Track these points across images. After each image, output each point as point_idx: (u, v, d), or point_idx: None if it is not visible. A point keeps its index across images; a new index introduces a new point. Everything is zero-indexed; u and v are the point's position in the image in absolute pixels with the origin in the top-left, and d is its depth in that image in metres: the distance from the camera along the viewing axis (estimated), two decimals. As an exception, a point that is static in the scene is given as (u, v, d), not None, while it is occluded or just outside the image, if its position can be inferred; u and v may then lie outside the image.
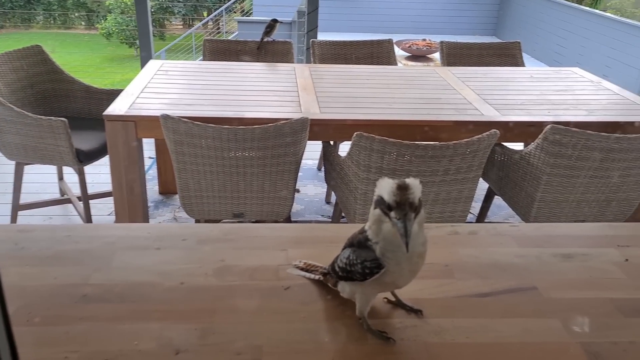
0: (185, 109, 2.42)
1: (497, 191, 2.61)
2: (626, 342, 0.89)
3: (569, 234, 1.23)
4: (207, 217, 2.35)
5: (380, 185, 0.82)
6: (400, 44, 7.60)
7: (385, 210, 0.81)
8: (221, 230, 1.17)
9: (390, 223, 0.80)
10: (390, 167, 2.07)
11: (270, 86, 2.85)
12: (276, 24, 3.40)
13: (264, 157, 2.16)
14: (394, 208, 0.79)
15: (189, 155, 2.14)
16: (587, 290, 1.02)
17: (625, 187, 2.28)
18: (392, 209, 0.79)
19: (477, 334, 0.91)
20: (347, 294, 0.93)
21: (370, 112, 2.52)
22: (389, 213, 0.80)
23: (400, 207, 0.78)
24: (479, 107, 2.59)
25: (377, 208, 0.82)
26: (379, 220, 0.83)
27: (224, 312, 0.92)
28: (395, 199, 0.78)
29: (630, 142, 2.11)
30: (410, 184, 0.80)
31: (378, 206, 0.82)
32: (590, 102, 2.72)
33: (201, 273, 1.03)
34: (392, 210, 0.79)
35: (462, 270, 1.08)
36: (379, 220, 0.83)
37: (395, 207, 0.79)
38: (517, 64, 3.56)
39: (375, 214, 0.83)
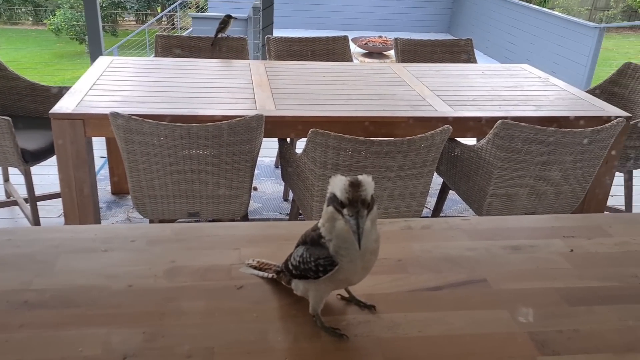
0: (137, 107, 2.36)
1: (452, 186, 2.65)
2: (571, 330, 0.92)
3: (517, 226, 1.26)
4: (162, 217, 2.30)
5: (332, 182, 0.82)
6: (357, 40, 7.65)
7: (337, 207, 0.80)
8: (172, 230, 1.14)
9: (343, 220, 0.80)
10: (346, 163, 2.08)
11: (224, 83, 2.81)
12: (230, 20, 3.35)
13: (218, 155, 2.13)
14: (346, 205, 0.79)
15: (140, 154, 2.09)
16: (534, 280, 1.04)
17: (572, 180, 2.36)
18: (345, 206, 0.79)
19: (429, 327, 0.92)
20: (301, 292, 0.93)
21: (326, 109, 2.52)
22: (342, 210, 0.80)
23: (353, 205, 0.78)
24: (433, 103, 2.63)
25: (330, 205, 0.82)
26: (332, 217, 0.82)
27: (174, 314, 0.90)
28: (348, 196, 0.78)
29: (576, 136, 2.18)
30: (363, 181, 0.79)
31: (331, 204, 0.82)
32: (538, 97, 2.80)
33: (150, 275, 1.00)
34: (344, 207, 0.79)
35: (415, 265, 1.09)
36: (332, 217, 0.82)
37: (348, 205, 0.78)
38: (469, 60, 3.63)
39: (328, 211, 0.83)
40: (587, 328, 0.93)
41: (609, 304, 0.98)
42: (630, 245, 1.16)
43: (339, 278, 0.86)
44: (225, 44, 3.47)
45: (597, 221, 1.28)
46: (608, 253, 1.14)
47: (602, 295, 1.01)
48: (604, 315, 0.95)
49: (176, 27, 11.76)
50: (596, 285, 1.03)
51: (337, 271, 0.84)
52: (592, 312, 0.96)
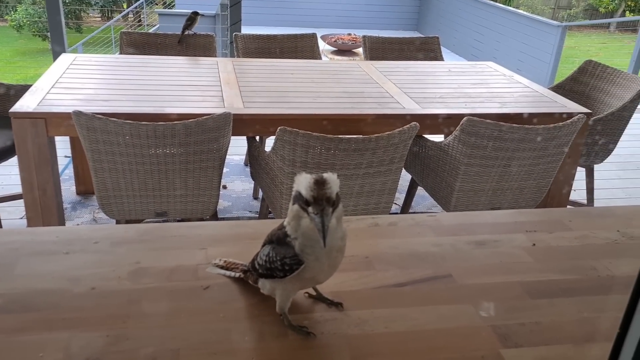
0: (101, 105, 2.31)
1: (420, 182, 2.68)
2: (532, 323, 0.94)
3: (482, 221, 1.29)
4: (128, 217, 2.26)
5: (298, 180, 0.81)
6: (326, 38, 7.65)
7: (303, 205, 0.80)
8: (137, 230, 1.13)
9: (309, 218, 0.80)
10: (315, 161, 2.08)
11: (192, 81, 2.77)
12: (197, 16, 3.31)
13: (186, 153, 2.11)
14: (311, 203, 0.79)
15: (105, 153, 2.05)
16: (498, 275, 1.07)
17: (536, 175, 2.42)
18: (310, 204, 0.79)
19: (395, 323, 0.93)
20: (268, 291, 0.93)
21: (295, 107, 2.52)
22: (307, 208, 0.80)
23: (318, 202, 0.78)
24: (400, 100, 2.66)
25: (295, 204, 0.82)
26: (297, 215, 0.82)
27: (139, 317, 0.89)
28: (313, 194, 0.78)
29: (538, 133, 2.23)
30: (328, 179, 0.80)
31: (296, 202, 0.82)
32: (503, 95, 2.85)
33: (114, 277, 0.98)
34: (309, 205, 0.79)
35: (382, 262, 1.10)
36: (298, 215, 0.82)
37: (313, 203, 0.78)
38: (436, 58, 3.67)
39: (293, 209, 0.83)
40: (548, 320, 0.95)
41: (569, 297, 1.01)
42: (589, 239, 1.20)
43: (305, 277, 0.86)
44: (192, 41, 3.43)
45: (558, 215, 1.31)
46: (568, 246, 1.17)
47: (562, 287, 1.04)
48: (564, 308, 0.98)
49: (143, 24, 11.55)
50: (557, 279, 1.06)
51: (304, 270, 0.84)
52: (552, 305, 0.99)
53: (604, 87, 3.12)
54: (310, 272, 0.85)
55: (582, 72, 3.21)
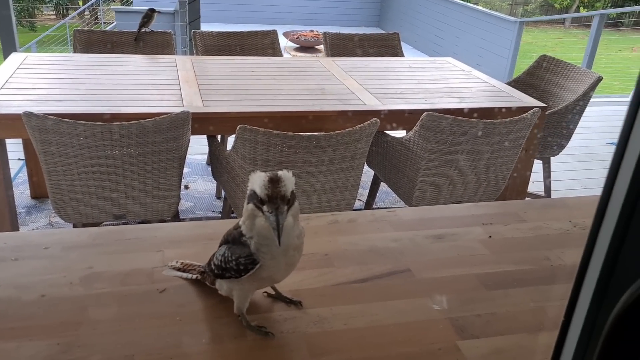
0: (54, 106, 2.24)
1: (382, 178, 2.70)
2: (488, 314, 0.96)
3: (440, 215, 1.30)
4: (85, 220, 2.20)
5: (252, 179, 0.80)
6: (288, 35, 7.62)
7: (257, 204, 0.79)
8: (89, 234, 1.10)
9: (263, 217, 0.79)
10: (276, 159, 2.06)
11: (149, 79, 2.72)
12: (154, 13, 3.25)
13: (143, 154, 2.06)
14: (266, 202, 0.78)
15: (59, 155, 1.99)
16: (455, 268, 1.08)
17: (494, 169, 2.47)
18: (264, 202, 0.78)
19: (355, 320, 0.93)
20: (225, 292, 0.91)
21: (256, 104, 2.50)
22: (262, 207, 0.79)
23: (272, 201, 0.77)
24: (361, 96, 2.67)
25: (250, 203, 0.81)
26: (252, 215, 0.81)
27: (91, 323, 0.86)
28: (267, 192, 0.77)
29: (496, 127, 2.28)
30: (282, 177, 0.79)
31: (251, 201, 0.81)
32: (462, 90, 2.90)
33: (66, 283, 0.95)
34: (264, 204, 0.78)
35: (342, 258, 1.10)
36: (252, 215, 0.81)
37: (267, 201, 0.78)
38: (396, 54, 3.70)
39: (248, 208, 0.82)
40: (503, 311, 0.97)
41: (523, 287, 1.03)
42: (542, 230, 1.23)
43: (262, 276, 0.85)
44: (149, 39, 3.36)
45: (513, 208, 1.34)
46: (523, 238, 1.20)
47: (517, 278, 1.06)
48: (519, 298, 1.00)
49: (100, 22, 11.26)
50: (511, 269, 1.08)
51: (260, 269, 0.83)
52: (507, 295, 1.01)
53: (558, 81, 3.20)
54: (266, 271, 0.84)
55: (537, 66, 3.29)
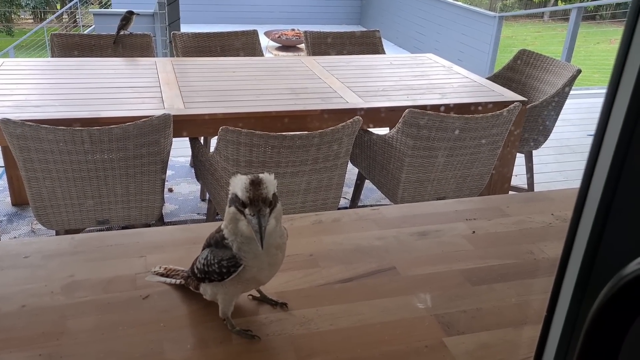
0: (32, 112, 2.21)
1: (367, 175, 2.71)
2: (474, 309, 0.96)
3: (424, 212, 1.30)
4: (68, 227, 2.17)
5: (233, 182, 0.80)
6: (270, 34, 7.60)
7: (239, 207, 0.79)
8: (70, 242, 1.08)
9: (246, 220, 0.79)
10: (259, 159, 2.06)
11: (129, 82, 2.69)
12: (132, 16, 3.21)
13: (125, 158, 2.04)
14: (247, 205, 0.77)
15: (38, 161, 1.96)
16: (440, 264, 1.08)
17: (477, 163, 2.48)
18: (246, 205, 0.77)
19: (341, 320, 0.93)
20: (210, 296, 0.90)
21: (238, 105, 2.48)
22: (244, 210, 0.78)
23: (254, 204, 0.77)
24: (344, 94, 2.66)
25: (232, 206, 0.80)
26: (234, 218, 0.81)
27: (73, 333, 0.85)
28: (249, 195, 0.77)
29: (478, 122, 2.29)
30: (264, 179, 0.78)
31: (232, 204, 0.80)
32: (443, 85, 2.91)
33: (47, 292, 0.94)
34: (246, 207, 0.78)
35: (326, 258, 1.09)
36: (235, 218, 0.81)
37: (249, 204, 0.77)
38: (377, 51, 3.71)
39: (230, 212, 0.81)
40: (488, 306, 0.97)
41: (508, 281, 1.04)
42: (525, 223, 1.23)
43: (246, 278, 0.84)
44: (128, 42, 3.32)
45: (496, 202, 1.35)
46: (506, 232, 1.20)
47: (501, 273, 1.06)
48: (504, 292, 1.01)
49: (78, 25, 11.12)
50: (496, 264, 1.09)
51: (243, 271, 0.83)
52: (492, 290, 1.01)
53: (538, 75, 3.23)
54: (249, 272, 0.83)
55: (517, 61, 3.32)
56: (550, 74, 3.16)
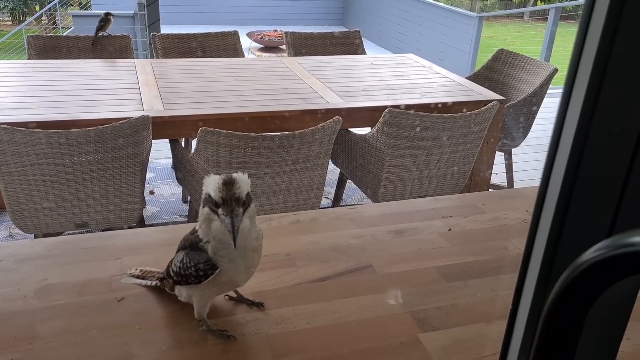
0: (8, 114, 2.18)
1: (348, 175, 2.72)
2: (449, 305, 0.97)
3: (401, 210, 1.31)
4: (46, 230, 2.14)
5: (206, 182, 0.80)
6: (252, 35, 7.58)
7: (212, 207, 0.79)
8: (44, 245, 1.07)
9: (219, 221, 0.78)
10: (239, 160, 2.05)
11: (107, 84, 2.66)
12: (110, 17, 3.18)
13: (103, 160, 2.02)
14: (220, 205, 0.77)
15: (14, 165, 1.93)
16: (416, 261, 1.09)
17: (457, 161, 2.51)
18: (219, 205, 0.77)
19: (317, 318, 0.93)
20: (185, 298, 0.90)
21: (218, 106, 2.48)
22: (217, 210, 0.78)
23: (227, 203, 0.77)
24: (324, 95, 2.67)
25: (205, 206, 0.80)
26: (207, 219, 0.81)
27: (47, 336, 0.84)
28: (222, 195, 0.77)
29: (457, 121, 2.31)
30: (237, 179, 0.78)
31: (206, 204, 0.80)
32: (423, 85, 2.93)
33: (19, 296, 0.93)
34: (219, 207, 0.78)
35: (303, 258, 1.10)
36: (208, 218, 0.81)
37: (222, 204, 0.77)
38: (358, 52, 3.72)
39: (204, 212, 0.81)
40: (463, 302, 0.98)
41: (482, 277, 1.05)
42: (500, 220, 1.25)
43: (222, 281, 0.84)
44: (107, 43, 3.29)
45: (472, 200, 1.36)
46: (482, 229, 1.22)
47: (476, 269, 1.08)
48: (478, 288, 1.02)
49: (58, 27, 10.99)
50: (471, 260, 1.10)
51: (219, 274, 0.83)
52: (467, 286, 1.02)
53: (516, 74, 3.27)
54: (226, 275, 0.83)
55: (495, 60, 3.36)
56: (528, 73, 3.20)
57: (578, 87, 0.45)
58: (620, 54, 0.42)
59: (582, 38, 0.44)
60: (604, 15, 0.41)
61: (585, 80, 0.44)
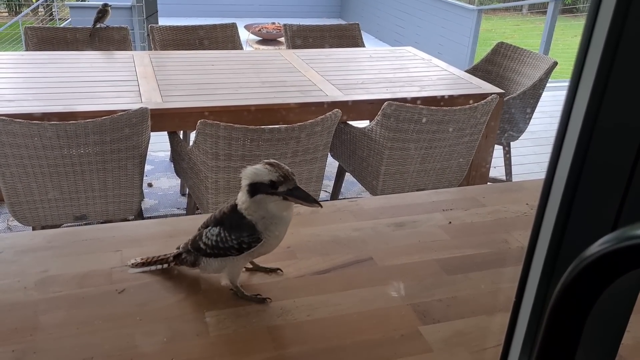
0: (5, 106, 2.17)
1: (347, 168, 2.71)
2: (449, 298, 0.97)
3: (401, 203, 1.31)
4: (45, 223, 2.14)
5: (248, 174, 0.86)
6: (250, 27, 7.54)
7: (270, 191, 0.84)
8: (44, 237, 1.07)
9: (278, 200, 0.85)
10: (238, 153, 2.05)
11: (105, 76, 2.65)
12: (108, 8, 3.16)
13: (102, 152, 2.02)
14: (282, 183, 0.84)
15: (12, 157, 1.92)
16: (416, 254, 1.09)
17: (456, 155, 2.51)
18: (281, 184, 0.84)
19: (318, 310, 0.93)
20: (213, 270, 0.94)
21: (216, 99, 2.47)
22: (276, 191, 0.84)
23: (288, 179, 0.84)
24: (323, 88, 2.66)
25: (259, 194, 0.85)
26: (263, 202, 0.86)
27: (47, 328, 0.84)
28: (278, 174, 0.84)
29: (456, 114, 2.31)
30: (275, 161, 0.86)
31: (258, 192, 0.85)
32: (422, 78, 2.93)
33: (19, 288, 0.92)
34: (278, 186, 0.84)
35: (304, 250, 1.10)
36: (264, 202, 0.86)
37: (284, 181, 0.84)
38: (357, 44, 3.71)
39: (257, 199, 0.86)
40: (463, 294, 0.99)
41: (483, 270, 1.05)
42: (501, 213, 1.25)
43: (259, 252, 0.91)
44: (105, 35, 3.27)
45: (472, 193, 1.36)
46: (482, 222, 1.22)
47: (477, 262, 1.08)
48: (479, 281, 1.02)
49: (54, 18, 10.92)
50: (471, 253, 1.10)
51: (261, 245, 0.89)
52: (468, 279, 1.03)
53: (515, 67, 3.27)
54: (265, 246, 0.90)
55: (495, 54, 3.35)
56: (527, 67, 3.20)
57: (585, 81, 0.45)
58: (630, 44, 0.42)
59: (590, 28, 0.43)
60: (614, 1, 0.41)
61: (592, 72, 0.44)
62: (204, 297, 0.94)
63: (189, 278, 0.98)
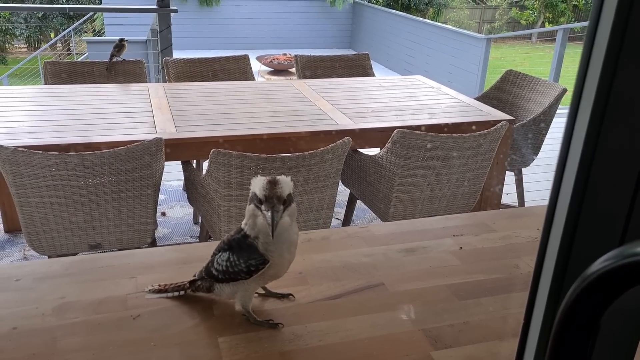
0: (25, 138, 2.23)
1: (358, 196, 2.73)
2: (461, 323, 0.97)
3: (411, 229, 1.32)
4: (60, 252, 2.17)
5: (253, 182, 0.89)
6: (262, 59, 7.69)
7: (257, 204, 0.87)
8: (61, 265, 1.09)
9: (262, 216, 0.87)
10: (250, 181, 2.07)
11: (121, 108, 2.72)
12: (124, 43, 3.26)
13: (117, 182, 2.06)
14: (263, 201, 0.86)
15: (31, 187, 1.97)
16: (428, 279, 1.10)
17: (467, 182, 2.51)
18: (262, 202, 0.86)
19: (329, 336, 0.94)
20: (227, 295, 0.96)
21: (229, 128, 2.51)
22: (260, 207, 0.86)
23: (269, 200, 0.85)
24: (334, 116, 2.70)
25: (251, 204, 0.89)
26: (253, 214, 0.89)
27: (64, 353, 0.86)
28: (265, 193, 0.86)
29: (466, 141, 2.33)
30: (280, 180, 0.88)
31: (252, 202, 0.89)
32: (431, 106, 2.96)
33: (37, 314, 0.94)
34: (262, 203, 0.86)
35: (315, 276, 1.11)
36: (254, 214, 0.89)
37: (265, 201, 0.86)
38: (367, 74, 3.76)
39: (249, 209, 0.89)
40: (475, 319, 0.99)
41: (495, 295, 1.05)
42: (511, 238, 1.25)
43: (269, 274, 0.92)
44: (121, 68, 3.36)
45: (483, 218, 1.37)
46: (493, 247, 1.22)
47: (488, 287, 1.08)
48: (490, 306, 1.02)
49: (72, 53, 11.22)
50: (483, 279, 1.10)
51: (269, 267, 0.90)
52: (479, 304, 1.03)
53: (525, 94, 3.29)
54: (273, 268, 0.91)
55: (504, 81, 3.38)
56: (537, 94, 3.22)
57: (585, 100, 0.47)
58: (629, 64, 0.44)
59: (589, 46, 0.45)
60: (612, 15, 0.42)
61: (592, 91, 0.46)
62: (217, 322, 0.96)
63: (202, 303, 1.00)
